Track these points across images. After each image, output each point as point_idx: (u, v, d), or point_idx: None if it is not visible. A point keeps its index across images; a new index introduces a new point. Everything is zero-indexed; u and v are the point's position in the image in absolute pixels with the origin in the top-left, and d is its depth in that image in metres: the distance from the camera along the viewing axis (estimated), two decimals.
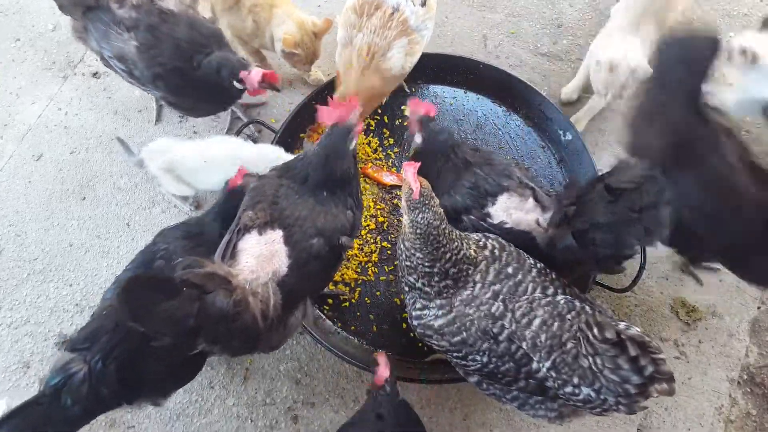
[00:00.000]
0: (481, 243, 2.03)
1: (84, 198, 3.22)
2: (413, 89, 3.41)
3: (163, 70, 2.69)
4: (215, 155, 2.72)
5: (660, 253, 2.77)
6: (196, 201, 3.16)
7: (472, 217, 2.24)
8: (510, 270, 1.94)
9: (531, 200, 2.23)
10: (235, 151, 2.74)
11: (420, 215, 1.85)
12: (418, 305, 2.01)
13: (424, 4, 2.78)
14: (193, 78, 2.73)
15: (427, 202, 1.86)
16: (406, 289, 2.08)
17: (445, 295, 1.95)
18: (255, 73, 2.62)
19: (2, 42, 3.79)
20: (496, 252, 1.99)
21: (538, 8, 3.76)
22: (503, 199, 2.24)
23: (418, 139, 2.37)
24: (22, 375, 2.75)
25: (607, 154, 3.28)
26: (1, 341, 2.83)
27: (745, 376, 2.75)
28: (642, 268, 2.55)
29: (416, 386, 2.66)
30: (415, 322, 2.03)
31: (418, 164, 1.92)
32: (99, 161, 3.34)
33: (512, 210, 2.22)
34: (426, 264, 1.92)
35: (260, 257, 2.00)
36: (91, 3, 2.67)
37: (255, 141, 3.24)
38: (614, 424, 2.63)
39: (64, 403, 1.89)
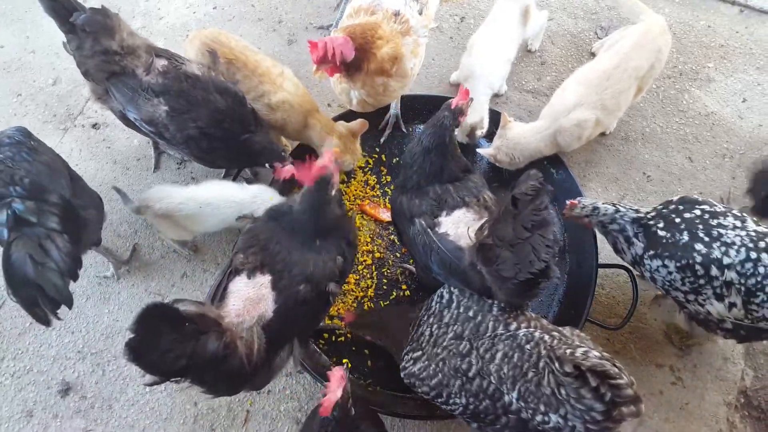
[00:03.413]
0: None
1: None
2: (410, 129, 3.51)
3: (198, 133, 2.75)
4: (210, 200, 2.79)
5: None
6: (194, 245, 3.23)
7: (423, 222, 2.29)
8: (470, 313, 2.13)
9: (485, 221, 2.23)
10: (229, 194, 2.82)
11: None
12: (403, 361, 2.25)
13: (420, 13, 2.89)
14: (227, 144, 2.85)
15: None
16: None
17: (413, 342, 2.23)
18: (286, 170, 2.74)
19: (4, 98, 3.92)
20: (454, 297, 2.22)
21: (521, 47, 3.89)
22: (459, 213, 2.29)
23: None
24: (26, 424, 2.76)
25: (594, 184, 3.37)
26: (5, 391, 2.85)
27: (743, 400, 2.76)
28: (634, 304, 2.63)
29: (415, 422, 2.68)
30: (402, 374, 2.23)
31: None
32: None
33: (461, 224, 2.24)
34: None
35: (247, 300, 2.05)
36: (116, 69, 2.70)
37: (251, 183, 3.32)
38: None
39: None
